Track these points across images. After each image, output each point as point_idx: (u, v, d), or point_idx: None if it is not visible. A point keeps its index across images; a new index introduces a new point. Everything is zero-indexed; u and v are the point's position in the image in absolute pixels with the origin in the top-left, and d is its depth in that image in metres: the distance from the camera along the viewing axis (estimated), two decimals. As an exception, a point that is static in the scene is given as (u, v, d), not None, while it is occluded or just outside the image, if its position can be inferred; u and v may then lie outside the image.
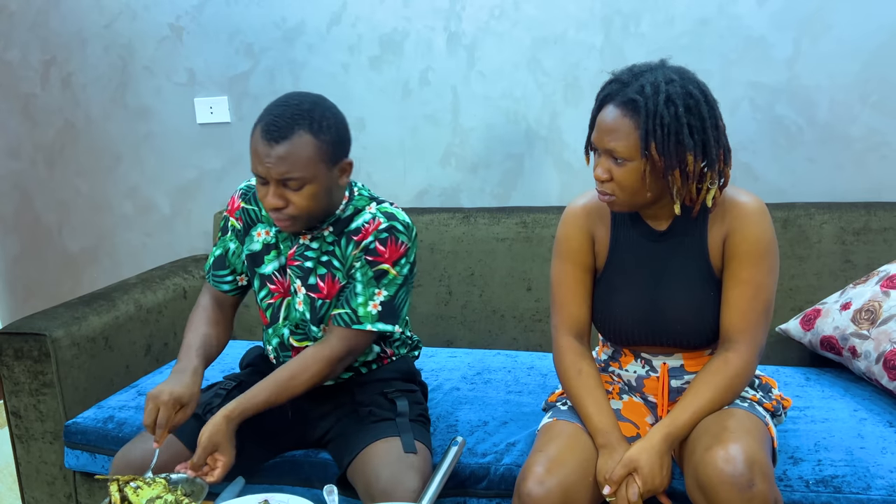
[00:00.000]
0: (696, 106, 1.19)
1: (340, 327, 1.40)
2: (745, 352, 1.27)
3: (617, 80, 1.24)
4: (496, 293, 2.07)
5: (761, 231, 1.27)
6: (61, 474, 1.81)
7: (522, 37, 2.09)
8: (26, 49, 2.50)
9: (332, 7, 2.21)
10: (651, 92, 1.18)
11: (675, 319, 1.32)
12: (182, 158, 2.45)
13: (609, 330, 1.39)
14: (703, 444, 1.18)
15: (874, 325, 1.61)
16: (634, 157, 1.20)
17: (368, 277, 1.40)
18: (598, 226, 1.37)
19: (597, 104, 1.26)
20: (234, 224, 1.51)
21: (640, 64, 1.25)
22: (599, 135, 1.23)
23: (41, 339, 1.73)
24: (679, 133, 1.18)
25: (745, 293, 1.27)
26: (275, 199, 1.30)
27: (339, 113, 1.36)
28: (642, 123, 1.18)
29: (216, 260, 1.53)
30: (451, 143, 2.22)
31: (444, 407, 1.68)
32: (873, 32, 1.87)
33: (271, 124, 1.28)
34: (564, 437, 1.28)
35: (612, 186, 1.24)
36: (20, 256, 2.69)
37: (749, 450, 1.14)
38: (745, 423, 1.22)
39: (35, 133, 2.56)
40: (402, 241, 1.40)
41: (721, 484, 1.11)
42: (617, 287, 1.36)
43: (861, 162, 1.94)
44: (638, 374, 1.40)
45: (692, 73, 1.23)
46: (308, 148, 1.28)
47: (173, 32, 2.35)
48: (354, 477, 1.35)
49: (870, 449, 1.41)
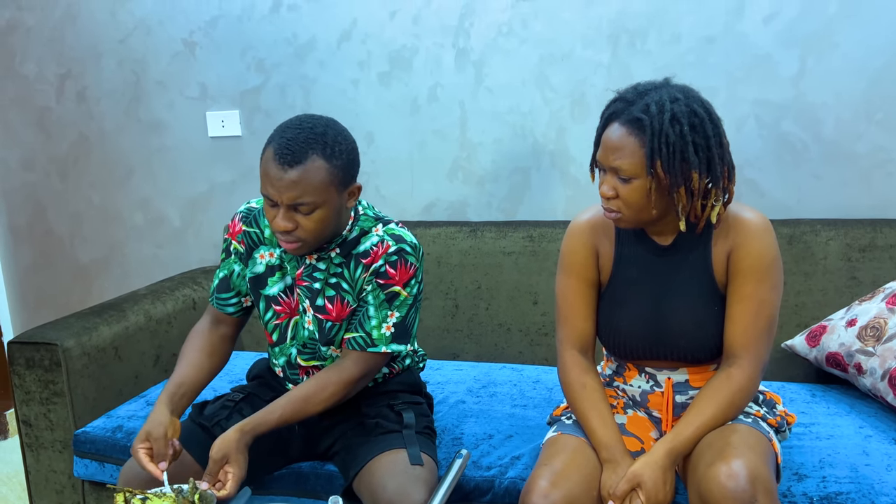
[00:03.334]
0: (701, 124, 1.20)
1: (356, 351, 1.42)
2: (747, 367, 1.28)
3: (622, 99, 1.25)
4: (502, 307, 2.08)
5: (765, 247, 1.28)
6: (70, 483, 1.83)
7: (530, 53, 2.12)
8: (42, 63, 2.54)
9: (343, 24, 2.24)
10: (656, 111, 1.19)
11: (679, 334, 1.33)
12: (193, 171, 2.48)
13: (613, 344, 1.39)
14: (705, 460, 1.18)
15: (880, 341, 1.61)
16: (640, 174, 1.21)
17: (380, 300, 1.41)
18: (603, 240, 1.39)
19: (602, 122, 1.27)
20: (236, 247, 1.49)
21: (644, 82, 1.26)
22: (605, 153, 1.24)
23: (52, 349, 1.76)
24: (684, 151, 1.19)
25: (749, 309, 1.28)
26: (284, 221, 1.29)
27: (350, 137, 1.35)
28: (648, 142, 1.19)
29: (220, 282, 1.52)
30: (458, 158, 2.24)
31: (450, 420, 1.69)
32: (879, 50, 1.88)
33: (285, 148, 1.26)
34: (569, 451, 1.29)
35: (618, 203, 1.25)
36: (32, 266, 2.72)
37: (752, 466, 1.14)
38: (749, 438, 1.23)
39: (49, 145, 2.60)
40: (411, 263, 1.41)
41: (723, 500, 1.11)
42: (621, 301, 1.37)
43: (867, 179, 1.95)
44: (642, 388, 1.41)
45: (696, 92, 1.25)
46: (320, 173, 1.27)
47: (186, 48, 2.39)
48: (360, 488, 1.36)
49: (875, 466, 1.41)
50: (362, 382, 1.43)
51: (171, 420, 1.33)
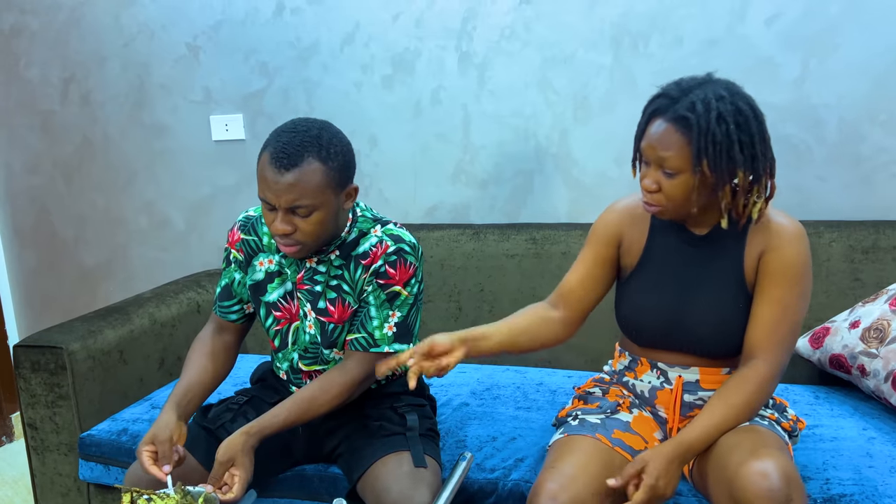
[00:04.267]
0: (746, 122, 1.20)
1: (358, 352, 1.42)
2: (764, 370, 1.27)
3: (665, 95, 1.24)
4: (506, 309, 2.06)
5: (797, 254, 1.28)
6: (75, 486, 1.83)
7: (533, 56, 2.12)
8: (47, 67, 2.55)
9: (346, 27, 2.25)
10: (702, 109, 1.19)
11: (700, 324, 1.33)
12: (197, 175, 2.49)
13: (632, 327, 1.40)
14: (735, 459, 1.17)
15: (883, 343, 1.61)
16: (685, 170, 1.21)
17: (381, 301, 1.42)
18: (632, 228, 1.40)
19: (644, 117, 1.26)
20: (235, 256, 1.50)
21: (686, 78, 1.25)
22: (650, 146, 1.24)
23: (58, 352, 1.76)
24: (730, 150, 1.19)
25: (774, 312, 1.28)
26: (283, 224, 1.30)
27: (345, 139, 1.36)
28: (694, 141, 1.19)
29: (222, 291, 1.53)
30: (461, 161, 2.24)
31: (453, 422, 1.70)
32: (881, 52, 1.88)
33: (280, 151, 1.27)
34: (576, 453, 1.29)
35: (660, 198, 1.26)
36: (37, 270, 2.73)
37: (785, 465, 1.13)
38: (773, 440, 1.23)
39: (54, 149, 2.61)
40: (410, 262, 1.42)
41: (758, 498, 1.10)
42: (648, 285, 1.37)
43: (870, 181, 1.95)
44: (652, 384, 1.41)
45: (739, 87, 1.24)
46: (317, 175, 1.28)
47: (190, 51, 2.40)
48: (364, 490, 1.37)
49: (878, 468, 1.41)
50: (366, 383, 1.44)
51: (177, 424, 1.34)
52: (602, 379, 1.52)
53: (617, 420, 1.38)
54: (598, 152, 2.11)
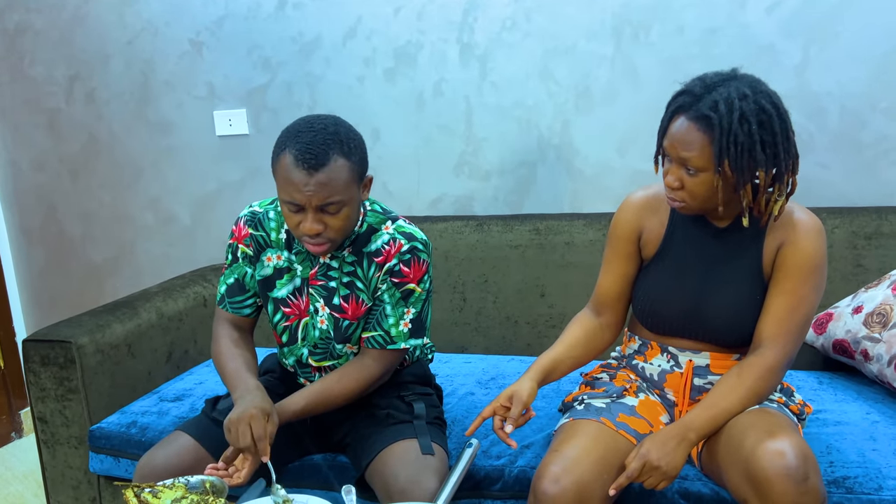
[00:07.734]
0: (769, 121, 1.20)
1: (375, 349, 1.45)
2: (771, 358, 1.28)
3: (688, 93, 1.24)
4: (510, 300, 2.09)
5: (814, 248, 1.29)
6: (86, 478, 1.85)
7: (534, 47, 2.13)
8: (51, 65, 2.57)
9: (348, 21, 2.26)
10: (725, 109, 1.19)
11: (717, 313, 1.34)
12: (202, 170, 2.51)
13: (648, 315, 1.41)
14: (751, 439, 1.18)
15: (886, 328, 1.62)
16: (707, 168, 1.22)
17: (396, 298, 1.43)
18: (651, 218, 1.41)
19: (668, 114, 1.27)
20: (244, 250, 1.49)
21: (711, 74, 1.25)
22: (672, 145, 1.25)
23: (67, 346, 1.78)
24: (752, 150, 1.20)
25: (787, 303, 1.29)
26: (315, 224, 1.30)
27: (356, 131, 1.37)
28: (716, 140, 1.19)
29: (230, 288, 1.51)
30: (464, 153, 2.25)
31: (459, 411, 1.71)
32: (882, 38, 1.88)
33: (306, 152, 1.27)
34: (580, 436, 1.30)
35: (683, 195, 1.27)
36: (45, 267, 2.75)
37: (800, 445, 1.15)
38: (786, 421, 1.25)
39: (60, 147, 2.63)
40: (423, 260, 1.43)
41: (776, 476, 1.12)
42: (666, 274, 1.39)
43: (872, 167, 1.95)
44: (662, 368, 1.42)
45: (764, 84, 1.23)
46: (344, 171, 1.29)
47: (193, 48, 2.41)
48: (373, 478, 1.38)
49: (882, 451, 1.42)
50: (382, 379, 1.47)
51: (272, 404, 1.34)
52: (609, 364, 1.53)
53: (622, 404, 1.39)
54: (601, 142, 2.12)
